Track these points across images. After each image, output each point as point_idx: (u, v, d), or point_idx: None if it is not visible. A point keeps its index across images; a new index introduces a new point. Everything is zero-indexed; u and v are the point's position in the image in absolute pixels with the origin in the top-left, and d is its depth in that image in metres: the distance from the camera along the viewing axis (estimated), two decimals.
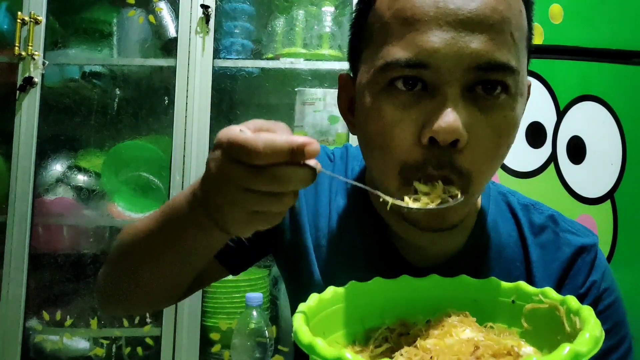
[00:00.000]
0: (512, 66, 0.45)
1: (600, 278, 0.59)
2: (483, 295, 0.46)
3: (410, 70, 0.45)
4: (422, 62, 0.44)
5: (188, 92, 1.46)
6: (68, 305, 1.53)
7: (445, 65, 0.44)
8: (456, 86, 0.44)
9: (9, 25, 1.54)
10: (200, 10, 1.46)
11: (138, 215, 1.52)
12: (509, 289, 0.46)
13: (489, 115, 0.46)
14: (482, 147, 0.46)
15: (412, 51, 0.45)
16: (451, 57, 0.44)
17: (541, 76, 1.29)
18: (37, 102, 1.47)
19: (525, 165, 1.27)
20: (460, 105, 0.44)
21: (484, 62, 0.44)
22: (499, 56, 0.45)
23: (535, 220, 0.60)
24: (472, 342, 0.38)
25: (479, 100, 0.46)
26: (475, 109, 0.45)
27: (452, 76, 0.44)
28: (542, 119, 1.28)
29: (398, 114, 0.46)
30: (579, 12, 1.31)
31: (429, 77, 0.45)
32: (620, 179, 1.30)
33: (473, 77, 0.45)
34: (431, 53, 0.44)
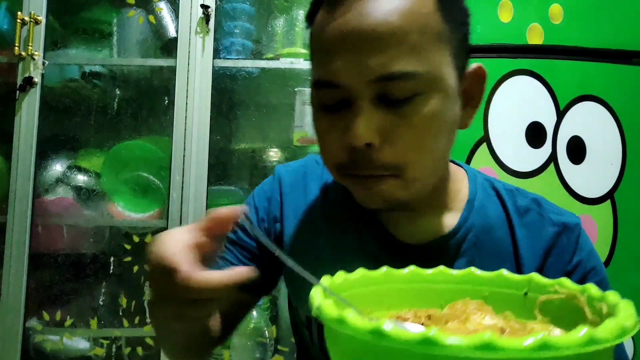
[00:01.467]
0: (411, 72, 0.50)
1: (586, 258, 0.61)
2: (493, 288, 0.45)
3: (328, 90, 0.53)
4: (332, 82, 0.52)
5: (188, 92, 1.46)
6: (68, 305, 1.53)
7: (349, 83, 0.51)
8: (365, 98, 0.51)
9: (9, 25, 1.54)
10: (200, 10, 1.46)
11: (138, 215, 1.52)
12: (521, 281, 0.44)
13: (402, 116, 0.51)
14: (402, 142, 0.52)
15: (324, 74, 0.53)
16: (353, 75, 0.50)
17: (541, 76, 1.29)
18: (37, 102, 1.47)
19: (525, 165, 1.27)
20: (372, 113, 0.51)
21: (383, 74, 0.50)
22: (397, 66, 0.50)
23: (520, 202, 0.64)
24: (497, 328, 0.37)
25: (392, 105, 0.51)
26: (389, 113, 0.51)
27: (359, 91, 0.51)
28: (542, 119, 1.28)
29: (327, 125, 0.55)
30: (579, 12, 1.31)
31: (343, 94, 0.52)
32: (620, 179, 1.30)
33: (378, 88, 0.51)
34: (337, 74, 0.51)
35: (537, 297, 0.42)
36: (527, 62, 1.28)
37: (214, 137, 1.49)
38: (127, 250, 1.53)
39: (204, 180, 1.45)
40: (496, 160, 1.26)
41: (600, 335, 0.28)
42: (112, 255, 1.54)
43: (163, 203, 1.50)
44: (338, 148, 0.54)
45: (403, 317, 0.42)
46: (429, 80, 0.51)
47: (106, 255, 1.54)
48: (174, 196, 1.44)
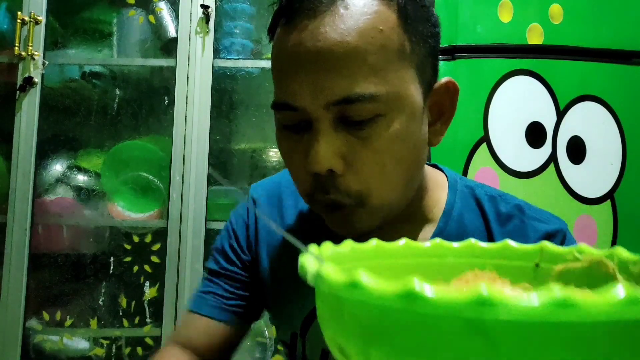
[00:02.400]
0: (370, 94, 0.47)
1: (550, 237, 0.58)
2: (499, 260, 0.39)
3: (287, 113, 0.50)
4: (289, 105, 0.49)
5: (188, 92, 1.46)
6: (68, 305, 1.53)
7: (306, 106, 0.48)
8: (324, 121, 0.48)
9: (9, 25, 1.54)
10: (200, 10, 1.46)
11: (138, 215, 1.52)
12: (531, 252, 0.38)
13: (364, 139, 0.48)
14: (365, 168, 0.49)
15: (281, 96, 0.50)
16: (309, 98, 0.47)
17: (541, 76, 1.29)
18: (37, 102, 1.47)
19: (525, 165, 1.27)
20: (333, 137, 0.48)
21: (340, 98, 0.46)
22: (355, 89, 0.46)
23: (501, 209, 0.60)
24: None
25: (353, 128, 0.48)
26: (350, 137, 0.48)
27: (317, 113, 0.48)
28: (542, 119, 1.29)
29: (290, 147, 0.52)
30: (579, 12, 1.31)
31: (302, 116, 0.49)
32: (620, 179, 1.30)
33: (336, 111, 0.47)
34: (292, 96, 0.48)
35: (551, 269, 0.36)
36: (527, 62, 1.28)
37: (214, 137, 1.49)
38: (127, 250, 1.53)
39: (204, 180, 1.45)
40: (496, 160, 1.26)
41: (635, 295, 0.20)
42: (112, 255, 1.54)
43: (163, 203, 1.50)
44: (303, 174, 0.51)
45: None
46: (390, 100, 0.48)
47: (106, 255, 1.54)
48: (174, 196, 1.44)
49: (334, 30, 0.46)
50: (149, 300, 1.50)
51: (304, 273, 0.28)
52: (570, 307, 0.20)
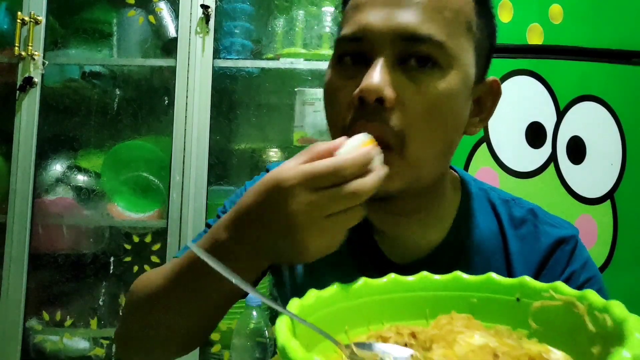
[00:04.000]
0: (437, 39, 0.49)
1: (580, 268, 0.59)
2: (482, 293, 0.41)
3: (350, 44, 0.52)
4: (357, 36, 0.51)
5: (188, 92, 1.46)
6: (68, 305, 1.53)
7: (375, 37, 0.50)
8: (387, 55, 0.50)
9: (9, 25, 1.54)
10: (200, 10, 1.46)
11: (138, 215, 1.52)
12: (512, 286, 0.40)
13: (419, 83, 0.50)
14: (413, 110, 0.49)
15: (352, 28, 0.52)
16: (380, 30, 0.50)
17: (541, 76, 1.29)
18: (37, 102, 1.47)
19: (525, 165, 1.27)
20: (390, 71, 0.49)
21: (408, 34, 0.49)
22: (424, 29, 0.49)
23: (515, 213, 0.61)
24: (488, 349, 0.33)
25: (411, 71, 0.50)
26: (406, 78, 0.50)
27: (382, 46, 0.50)
28: (542, 119, 1.28)
29: (342, 82, 0.52)
30: (579, 12, 1.31)
31: (365, 49, 0.51)
32: (620, 179, 1.30)
33: (401, 47, 0.50)
34: (364, 27, 0.51)
35: (530, 304, 0.39)
36: (527, 62, 1.28)
37: (214, 137, 1.49)
38: (127, 250, 1.53)
39: (204, 180, 1.45)
40: (496, 161, 1.26)
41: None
42: (112, 255, 1.54)
43: (163, 203, 1.50)
44: (345, 106, 0.51)
45: (384, 336, 0.38)
46: (451, 57, 0.50)
47: (106, 255, 1.54)
48: (174, 196, 1.44)
49: None
50: None
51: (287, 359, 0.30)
52: None
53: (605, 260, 1.28)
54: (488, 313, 0.40)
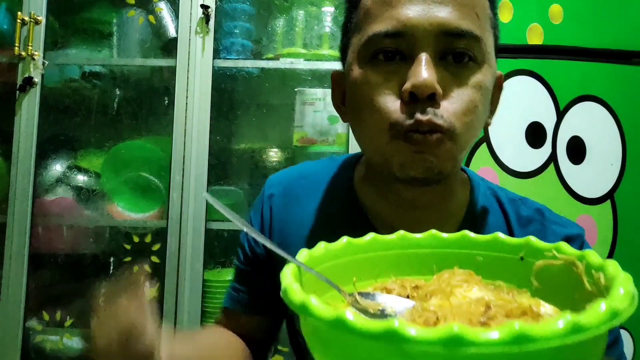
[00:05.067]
0: (476, 34, 0.52)
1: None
2: (488, 251, 0.42)
3: (388, 41, 0.52)
4: (397, 31, 0.51)
5: (188, 92, 1.46)
6: (68, 305, 1.53)
7: (418, 33, 0.51)
8: (429, 51, 0.51)
9: (9, 25, 1.54)
10: (200, 10, 1.46)
11: (138, 215, 1.52)
12: (518, 245, 0.41)
13: (459, 77, 0.52)
14: (458, 102, 0.51)
15: (389, 23, 0.52)
16: (422, 25, 0.50)
17: (541, 76, 1.29)
18: (37, 102, 1.47)
19: (525, 165, 1.27)
20: (434, 66, 0.50)
21: (451, 29, 0.51)
22: (464, 24, 0.51)
23: (522, 213, 0.63)
24: (483, 302, 0.34)
25: (450, 67, 0.52)
26: (447, 72, 0.52)
27: (425, 42, 0.51)
28: (542, 119, 1.29)
29: (381, 80, 0.52)
30: (579, 12, 1.31)
31: (405, 46, 0.52)
32: (620, 179, 1.30)
33: (443, 43, 0.51)
34: (405, 23, 0.51)
35: (534, 263, 0.40)
36: (527, 62, 1.28)
37: (214, 137, 1.49)
38: (127, 250, 1.53)
39: (204, 180, 1.45)
40: (496, 161, 1.26)
41: (585, 321, 0.25)
42: (112, 255, 1.54)
43: (163, 203, 1.50)
44: (393, 103, 0.51)
45: (389, 288, 0.40)
46: (484, 52, 0.53)
47: (106, 256, 1.54)
48: (174, 196, 1.44)
49: None
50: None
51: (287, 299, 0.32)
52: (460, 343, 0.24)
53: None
54: (492, 271, 0.41)
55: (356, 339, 0.26)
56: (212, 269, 1.50)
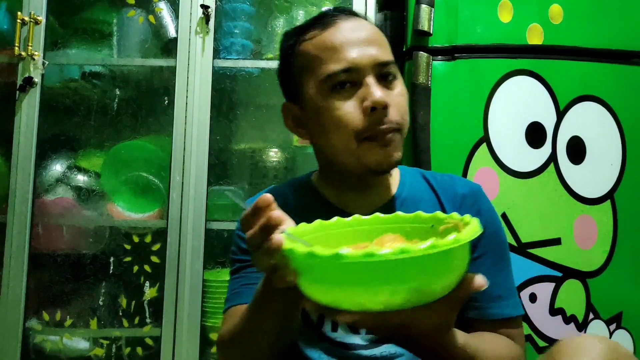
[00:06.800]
0: (392, 61, 0.78)
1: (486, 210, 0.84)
2: (412, 224, 0.63)
3: (343, 75, 0.75)
4: (349, 68, 0.74)
5: (188, 92, 1.46)
6: (68, 305, 1.53)
7: (362, 66, 0.75)
8: (372, 77, 0.75)
9: (9, 25, 1.54)
10: (200, 10, 1.46)
11: (138, 215, 1.52)
12: (429, 218, 0.62)
13: (392, 89, 0.77)
14: (398, 108, 0.76)
15: (342, 63, 0.75)
16: (364, 61, 0.75)
17: (541, 76, 1.29)
18: (37, 102, 1.47)
19: (525, 165, 1.27)
20: (378, 87, 0.74)
21: (381, 61, 0.76)
22: (385, 56, 0.77)
23: (438, 178, 0.88)
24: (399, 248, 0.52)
25: (385, 84, 0.76)
26: (385, 88, 0.76)
27: (368, 72, 0.75)
28: (542, 119, 1.29)
29: (343, 102, 0.75)
30: (579, 12, 1.31)
31: (354, 77, 0.75)
32: (620, 179, 1.30)
33: (378, 70, 0.76)
34: (353, 61, 0.75)
35: (437, 229, 0.60)
36: (527, 62, 1.29)
37: (214, 137, 1.49)
38: (127, 250, 1.53)
39: (204, 180, 1.45)
40: (496, 161, 1.26)
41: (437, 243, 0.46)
42: (112, 255, 1.54)
43: (163, 203, 1.50)
44: (357, 115, 0.74)
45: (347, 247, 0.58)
46: (397, 70, 0.79)
47: (106, 255, 1.54)
48: (173, 196, 1.44)
49: (366, 26, 0.79)
50: (148, 300, 1.50)
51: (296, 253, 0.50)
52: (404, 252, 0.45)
53: (605, 260, 1.28)
54: (416, 236, 0.60)
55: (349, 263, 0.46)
56: (212, 269, 1.50)
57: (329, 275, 0.48)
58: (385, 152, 0.74)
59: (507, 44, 1.29)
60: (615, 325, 1.29)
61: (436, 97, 1.24)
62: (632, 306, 1.29)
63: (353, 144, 0.74)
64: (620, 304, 1.29)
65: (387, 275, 0.46)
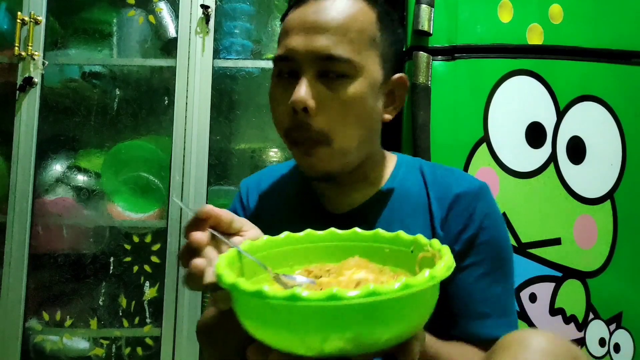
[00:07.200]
0: (345, 58, 0.64)
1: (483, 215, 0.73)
2: (392, 246, 0.55)
3: (282, 64, 0.67)
4: (286, 56, 0.66)
5: (188, 92, 1.46)
6: (68, 305, 1.53)
7: (299, 58, 0.65)
8: (309, 72, 0.64)
9: (9, 25, 1.54)
10: (200, 10, 1.46)
11: (138, 216, 1.52)
12: (410, 241, 0.54)
13: (335, 91, 0.65)
14: (333, 112, 0.65)
15: (282, 50, 0.67)
16: (302, 52, 0.64)
17: (541, 76, 1.29)
18: (37, 102, 1.47)
19: (525, 165, 1.27)
20: (313, 84, 0.64)
21: (324, 55, 0.64)
22: (335, 51, 0.64)
23: (437, 173, 0.77)
24: (356, 281, 0.48)
25: (326, 82, 0.65)
26: (325, 89, 0.64)
27: (305, 65, 0.64)
28: (542, 119, 1.28)
29: (279, 94, 0.67)
30: (579, 12, 1.31)
31: (293, 67, 0.65)
32: (620, 179, 1.30)
33: (320, 65, 0.64)
34: (291, 50, 0.65)
35: (417, 255, 0.53)
36: (527, 62, 1.28)
37: (214, 137, 1.49)
38: (127, 250, 1.53)
39: (204, 180, 1.45)
40: (496, 161, 1.26)
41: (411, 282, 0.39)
42: (112, 255, 1.54)
43: (163, 203, 1.50)
44: (284, 114, 0.66)
45: (309, 269, 0.54)
46: (357, 68, 0.65)
47: (106, 256, 1.54)
48: (173, 196, 1.44)
49: (331, 10, 0.66)
50: (148, 300, 1.50)
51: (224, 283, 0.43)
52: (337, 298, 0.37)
53: (605, 260, 1.28)
54: (395, 260, 0.54)
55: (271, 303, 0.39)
56: None
57: (254, 312, 0.42)
58: (307, 161, 0.66)
59: (507, 44, 1.29)
60: (615, 325, 1.29)
61: (436, 97, 1.24)
62: (632, 306, 1.29)
63: (286, 142, 0.69)
64: (620, 304, 1.29)
65: (316, 322, 0.39)
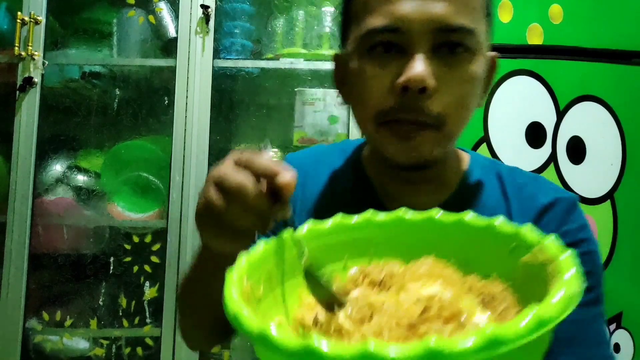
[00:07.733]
0: (469, 28, 0.54)
1: (575, 229, 0.62)
2: (483, 239, 0.41)
3: (385, 35, 0.54)
4: (394, 26, 0.53)
5: (188, 92, 1.46)
6: (68, 305, 1.53)
7: (413, 29, 0.52)
8: (424, 45, 0.53)
9: (9, 25, 1.54)
10: (200, 10, 1.46)
11: (138, 216, 1.52)
12: (510, 235, 0.40)
13: (453, 68, 0.54)
14: (450, 94, 0.54)
15: (386, 18, 0.53)
16: (418, 22, 0.52)
17: (541, 76, 1.29)
18: (37, 102, 1.47)
19: (525, 165, 1.27)
20: (428, 60, 0.52)
21: (445, 25, 0.52)
22: (457, 19, 0.53)
23: (518, 179, 0.65)
24: (423, 303, 0.35)
25: (444, 57, 0.53)
26: (441, 64, 0.53)
27: (420, 38, 0.53)
28: (542, 119, 1.29)
29: (377, 71, 0.55)
30: (579, 12, 1.31)
31: (401, 40, 0.53)
32: (620, 179, 1.30)
33: (437, 38, 0.53)
34: (401, 19, 0.52)
35: (520, 257, 0.38)
36: (527, 62, 1.29)
37: (214, 137, 1.49)
38: (127, 250, 1.53)
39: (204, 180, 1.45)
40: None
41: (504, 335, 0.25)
42: (112, 255, 1.54)
43: (163, 203, 1.50)
44: (385, 92, 0.54)
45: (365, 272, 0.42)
46: (478, 42, 0.55)
47: (106, 256, 1.54)
48: (173, 196, 1.44)
49: None
50: (148, 300, 1.50)
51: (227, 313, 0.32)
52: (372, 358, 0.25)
53: (605, 260, 1.28)
54: (478, 264, 0.41)
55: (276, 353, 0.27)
56: None
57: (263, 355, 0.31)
58: (405, 145, 0.55)
59: (507, 44, 1.29)
60: (615, 325, 1.29)
61: None
62: (632, 306, 1.29)
63: (371, 125, 0.57)
64: (620, 304, 1.29)
65: None
